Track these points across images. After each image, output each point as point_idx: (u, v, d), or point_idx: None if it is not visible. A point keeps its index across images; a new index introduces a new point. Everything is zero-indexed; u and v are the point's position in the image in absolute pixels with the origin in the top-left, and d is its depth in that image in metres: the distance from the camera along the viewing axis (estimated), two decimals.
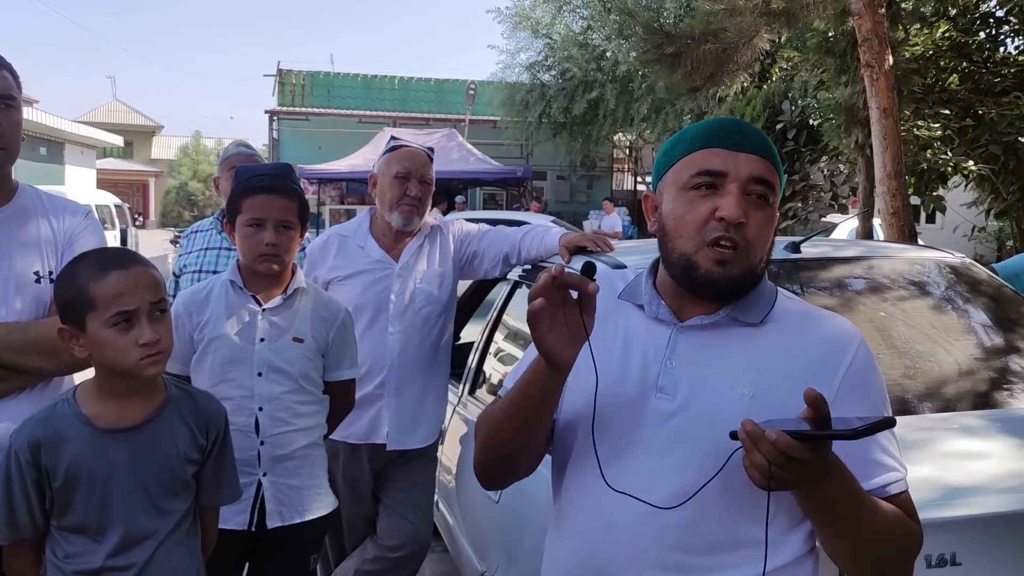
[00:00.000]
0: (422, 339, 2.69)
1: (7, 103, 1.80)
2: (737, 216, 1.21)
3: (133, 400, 1.60)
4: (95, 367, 1.60)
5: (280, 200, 2.11)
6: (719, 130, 1.28)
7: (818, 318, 1.32)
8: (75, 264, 1.59)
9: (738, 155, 1.25)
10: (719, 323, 1.28)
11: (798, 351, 1.26)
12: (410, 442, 2.71)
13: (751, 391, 1.23)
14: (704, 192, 1.25)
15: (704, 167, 1.25)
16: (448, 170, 15.94)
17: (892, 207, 5.61)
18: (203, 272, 3.12)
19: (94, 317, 1.53)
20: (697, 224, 1.24)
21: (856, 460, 1.21)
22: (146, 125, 41.95)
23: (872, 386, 1.28)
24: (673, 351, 1.28)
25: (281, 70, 23.16)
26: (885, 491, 1.23)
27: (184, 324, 2.15)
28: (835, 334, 1.29)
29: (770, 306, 1.30)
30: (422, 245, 2.73)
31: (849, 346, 1.27)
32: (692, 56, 6.47)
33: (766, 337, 1.28)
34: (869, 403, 1.26)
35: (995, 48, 7.57)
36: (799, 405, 1.15)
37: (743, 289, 1.27)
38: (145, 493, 1.60)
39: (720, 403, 1.23)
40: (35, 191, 1.96)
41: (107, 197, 16.35)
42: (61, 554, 1.58)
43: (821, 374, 1.24)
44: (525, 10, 19.03)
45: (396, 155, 2.71)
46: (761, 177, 1.25)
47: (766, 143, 1.29)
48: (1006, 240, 10.42)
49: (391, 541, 2.71)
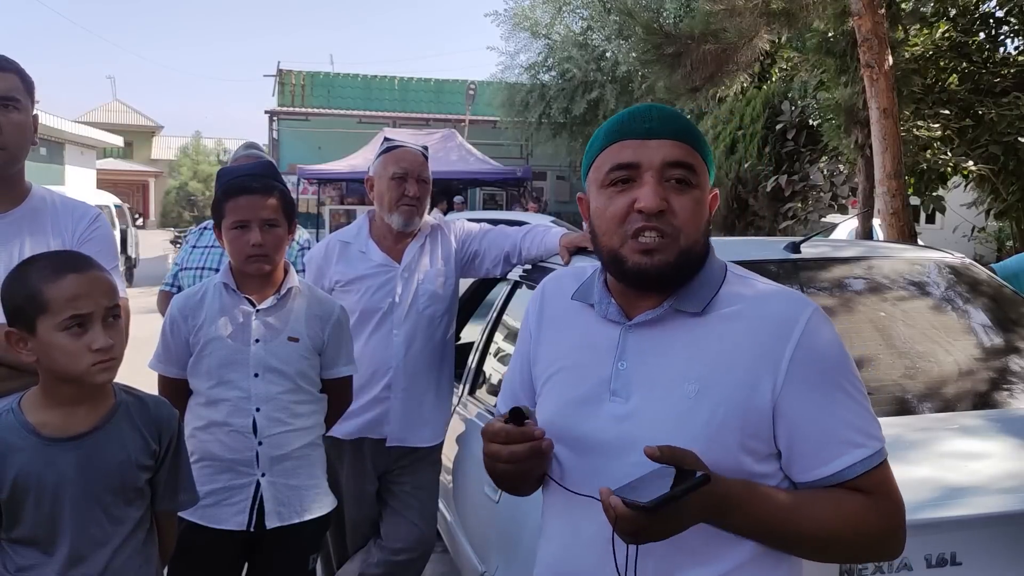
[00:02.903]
0: (427, 339, 2.69)
1: (8, 103, 1.81)
2: (654, 205, 1.19)
3: (80, 408, 1.56)
4: (41, 374, 1.55)
5: (263, 200, 2.10)
6: (627, 120, 1.25)
7: (765, 298, 1.25)
8: (27, 266, 1.55)
9: (649, 143, 1.22)
10: (663, 316, 1.25)
11: (743, 337, 1.21)
12: (412, 440, 2.70)
13: (696, 387, 1.20)
14: (621, 187, 1.23)
15: (616, 161, 1.23)
16: (448, 170, 15.94)
17: (892, 207, 5.60)
18: (205, 269, 3.16)
19: (46, 320, 1.49)
20: (618, 219, 1.22)
21: (812, 443, 1.18)
22: (146, 125, 41.94)
23: (828, 363, 1.20)
24: (623, 352, 1.26)
25: (281, 70, 23.14)
26: (843, 477, 1.18)
27: (179, 328, 2.15)
28: (781, 313, 1.22)
29: (714, 292, 1.25)
30: (423, 245, 2.73)
31: (796, 323, 1.20)
32: (692, 56, 6.47)
33: (709, 326, 1.23)
34: (826, 383, 1.19)
35: (995, 48, 7.56)
36: (746, 395, 1.17)
37: (681, 276, 1.23)
38: (96, 502, 1.55)
39: (665, 404, 1.21)
40: (48, 193, 1.97)
41: (107, 197, 16.34)
42: (12, 567, 1.53)
43: (767, 357, 1.19)
44: (524, 11, 19.01)
45: (392, 156, 2.70)
46: (677, 160, 1.21)
47: (680, 125, 1.24)
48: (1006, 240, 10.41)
49: (395, 544, 2.70)
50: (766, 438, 1.20)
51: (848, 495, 1.18)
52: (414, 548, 2.71)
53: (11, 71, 1.85)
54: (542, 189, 22.87)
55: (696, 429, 1.18)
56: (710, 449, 1.15)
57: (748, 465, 1.19)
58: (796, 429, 1.19)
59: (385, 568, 2.69)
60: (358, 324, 2.63)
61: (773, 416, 1.19)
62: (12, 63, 1.87)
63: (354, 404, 2.56)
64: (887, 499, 1.20)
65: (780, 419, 1.19)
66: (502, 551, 2.36)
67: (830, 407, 1.19)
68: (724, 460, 1.16)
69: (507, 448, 1.18)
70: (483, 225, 2.86)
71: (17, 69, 1.87)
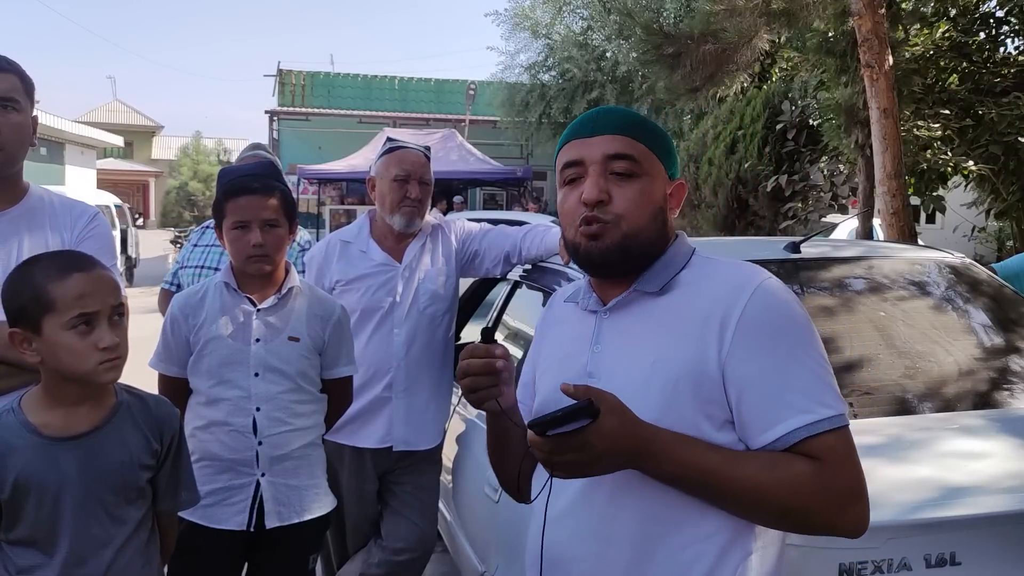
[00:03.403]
0: (428, 338, 2.69)
1: (7, 104, 1.81)
2: (593, 196, 1.29)
3: (82, 407, 1.56)
4: (44, 374, 1.54)
5: (263, 200, 2.10)
6: (576, 124, 1.36)
7: (719, 271, 1.31)
8: (29, 266, 1.54)
9: (591, 140, 1.32)
10: (629, 300, 1.33)
11: (695, 308, 1.26)
12: (419, 443, 2.71)
13: (652, 358, 1.26)
14: (573, 185, 1.33)
15: (565, 160, 1.35)
16: (448, 170, 15.92)
17: (892, 207, 5.60)
18: (204, 268, 3.16)
19: (52, 319, 1.48)
20: (571, 213, 1.33)
21: (757, 407, 1.19)
22: (146, 125, 41.94)
23: (778, 328, 1.22)
24: (599, 336, 1.34)
25: (281, 70, 23.13)
26: (786, 442, 1.18)
27: (180, 327, 2.15)
28: (731, 281, 1.27)
29: (674, 273, 1.32)
30: (424, 244, 2.73)
31: (744, 289, 1.24)
32: (692, 56, 6.46)
33: (667, 302, 1.30)
34: (775, 348, 1.20)
35: (995, 48, 7.55)
36: (696, 362, 1.22)
37: (629, 260, 1.31)
38: (98, 502, 1.55)
39: (627, 377, 1.27)
40: (46, 192, 1.97)
41: (107, 197, 16.33)
42: (13, 569, 1.52)
43: (715, 325, 1.23)
44: (524, 11, 19.01)
45: (394, 157, 2.70)
46: (617, 153, 1.30)
47: (624, 119, 1.33)
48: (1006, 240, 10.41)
49: (396, 544, 2.70)
50: (720, 404, 1.22)
51: (789, 457, 1.18)
52: (415, 548, 2.71)
53: (11, 72, 1.85)
54: (542, 189, 22.86)
55: (652, 398, 1.23)
56: (666, 416, 1.21)
57: (707, 433, 1.22)
58: (742, 393, 1.21)
59: (386, 568, 2.68)
60: (359, 324, 2.62)
61: (724, 381, 1.22)
62: (12, 64, 1.87)
63: (356, 405, 2.57)
64: (837, 466, 1.17)
65: (729, 384, 1.22)
66: (502, 551, 2.36)
67: (777, 372, 1.20)
68: (682, 428, 1.21)
69: (466, 362, 1.32)
70: (483, 225, 2.86)
71: (17, 70, 1.87)
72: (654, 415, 1.20)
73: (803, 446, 1.17)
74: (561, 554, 1.30)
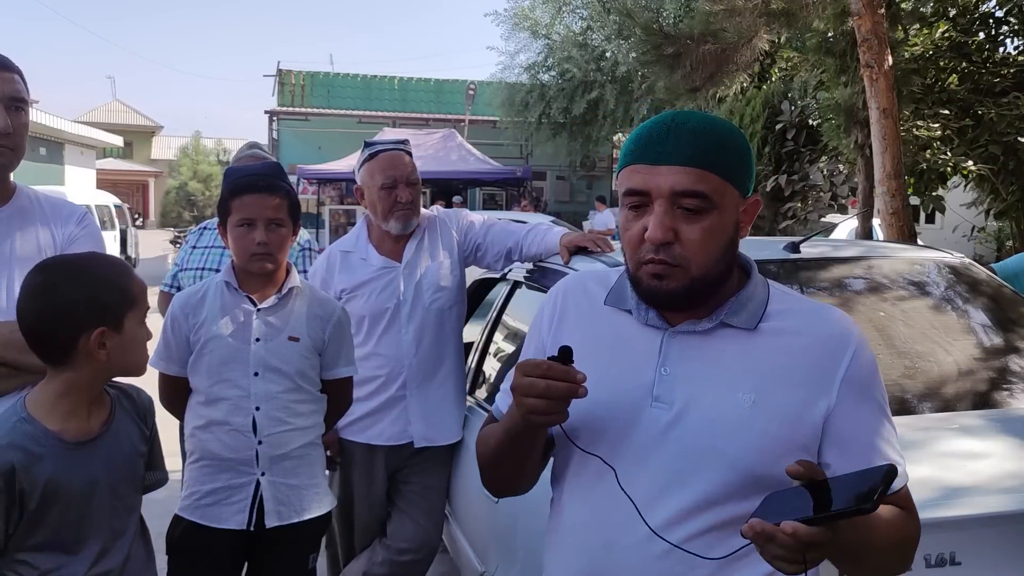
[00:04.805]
0: (437, 333, 2.70)
1: (17, 105, 1.82)
2: (659, 237, 1.18)
3: (91, 408, 1.59)
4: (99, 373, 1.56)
5: (269, 199, 2.11)
6: (641, 143, 1.23)
7: (815, 315, 1.29)
8: (93, 266, 1.57)
9: (659, 169, 1.19)
10: (713, 329, 1.25)
11: (796, 352, 1.23)
12: (439, 438, 2.72)
13: (751, 397, 1.20)
14: (636, 212, 1.23)
15: (628, 186, 1.23)
16: (448, 170, 15.93)
17: (892, 207, 5.60)
18: (205, 270, 3.15)
19: (133, 314, 1.55)
20: (633, 244, 1.23)
21: (858, 459, 1.19)
22: (146, 125, 41.93)
23: (875, 384, 1.26)
24: (666, 358, 1.25)
25: (281, 70, 23.14)
26: (892, 490, 1.20)
27: (180, 326, 2.15)
28: (834, 332, 1.26)
29: (763, 308, 1.27)
30: (422, 240, 2.74)
31: (848, 343, 1.25)
32: (691, 56, 6.47)
33: (762, 339, 1.24)
34: (873, 403, 1.25)
35: (995, 48, 7.56)
36: (800, 409, 1.19)
37: (695, 300, 1.23)
38: (116, 496, 1.60)
39: (719, 411, 1.21)
40: (32, 192, 1.97)
41: (107, 197, 16.35)
42: (36, 572, 1.50)
43: (821, 375, 1.23)
44: (524, 11, 19.01)
45: (376, 164, 2.68)
46: (686, 190, 1.18)
47: (697, 146, 1.19)
48: (1006, 240, 10.41)
49: (400, 544, 2.70)
50: (812, 453, 1.22)
51: (904, 515, 1.23)
52: (418, 549, 2.71)
53: (15, 71, 1.86)
54: (542, 189, 22.88)
55: (752, 439, 1.19)
56: (763, 460, 1.18)
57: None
58: (845, 444, 1.22)
59: (389, 568, 2.68)
60: (369, 327, 2.65)
61: (824, 432, 1.22)
62: (14, 64, 1.87)
63: (371, 403, 2.62)
64: (915, 513, 1.26)
65: (828, 435, 1.22)
66: (502, 551, 2.36)
67: (873, 425, 1.24)
68: (774, 472, 1.15)
69: (545, 382, 1.14)
70: (486, 217, 2.87)
71: (19, 69, 1.88)
72: (755, 458, 1.18)
73: (897, 495, 1.22)
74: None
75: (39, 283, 1.53)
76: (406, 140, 2.83)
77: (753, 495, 1.14)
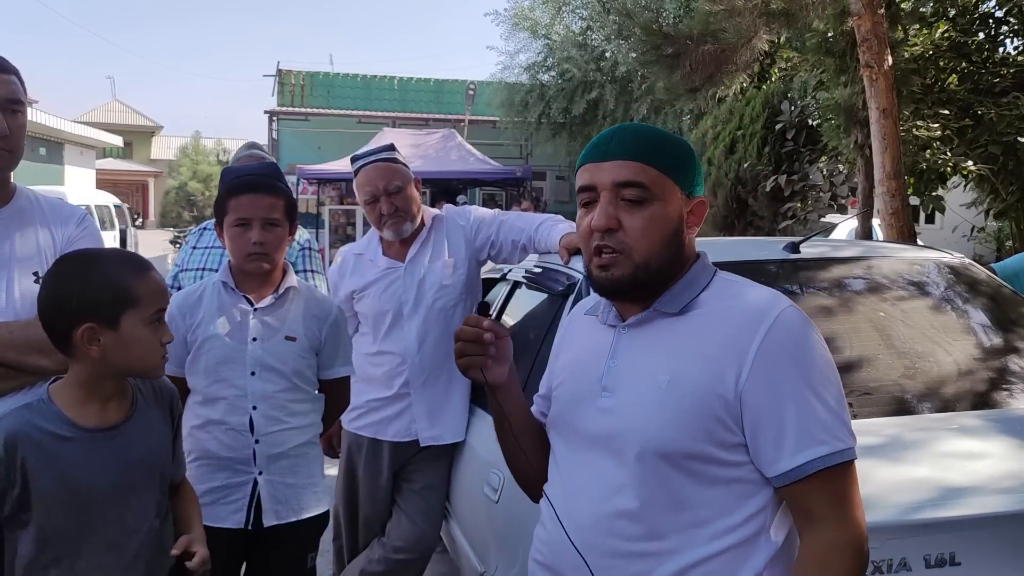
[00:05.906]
0: (441, 332, 2.72)
1: (14, 108, 1.82)
2: (602, 224, 1.29)
3: (112, 401, 1.60)
4: (85, 369, 1.56)
5: (266, 199, 2.12)
6: (590, 147, 1.36)
7: (741, 295, 1.33)
8: (95, 263, 1.57)
9: (603, 165, 1.31)
10: (649, 317, 1.34)
11: (714, 331, 1.28)
12: (444, 437, 2.75)
13: (667, 377, 1.27)
14: (586, 209, 1.34)
15: (579, 185, 1.35)
16: (448, 170, 15.92)
17: (891, 207, 5.60)
18: (205, 270, 3.16)
19: (133, 314, 1.53)
20: (584, 236, 1.34)
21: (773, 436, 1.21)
22: (146, 125, 41.94)
23: (800, 359, 1.23)
24: (615, 351, 1.36)
25: (281, 70, 23.12)
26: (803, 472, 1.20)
27: (178, 326, 2.15)
28: (753, 307, 1.28)
29: (694, 295, 1.33)
30: (426, 239, 2.78)
31: (765, 316, 1.25)
32: (691, 57, 6.47)
33: (687, 323, 1.31)
34: (793, 378, 1.22)
35: (994, 48, 7.56)
36: (714, 385, 1.24)
37: (643, 287, 1.31)
38: (129, 489, 1.59)
39: (642, 395, 1.29)
40: (32, 193, 1.97)
41: (107, 197, 16.35)
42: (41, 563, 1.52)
43: (733, 348, 1.24)
44: (524, 11, 19.01)
45: (358, 181, 2.76)
46: (626, 180, 1.29)
47: (636, 143, 1.31)
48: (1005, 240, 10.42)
49: (396, 542, 2.73)
50: (733, 427, 1.24)
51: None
52: (413, 548, 2.72)
53: (12, 72, 1.86)
54: (542, 189, 22.87)
55: (665, 416, 1.25)
56: (679, 435, 1.24)
57: (716, 453, 1.24)
58: (760, 421, 1.23)
59: (384, 565, 2.71)
60: (374, 327, 2.72)
61: (740, 406, 1.24)
62: (11, 64, 1.87)
63: (380, 401, 2.68)
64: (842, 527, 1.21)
65: (746, 410, 1.24)
66: (502, 551, 2.36)
67: (795, 402, 1.22)
68: (692, 447, 1.24)
69: (460, 328, 1.41)
70: (497, 213, 2.87)
71: (16, 70, 1.88)
72: (670, 434, 1.24)
73: (817, 477, 1.20)
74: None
75: (50, 273, 1.59)
76: (390, 145, 2.87)
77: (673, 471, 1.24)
